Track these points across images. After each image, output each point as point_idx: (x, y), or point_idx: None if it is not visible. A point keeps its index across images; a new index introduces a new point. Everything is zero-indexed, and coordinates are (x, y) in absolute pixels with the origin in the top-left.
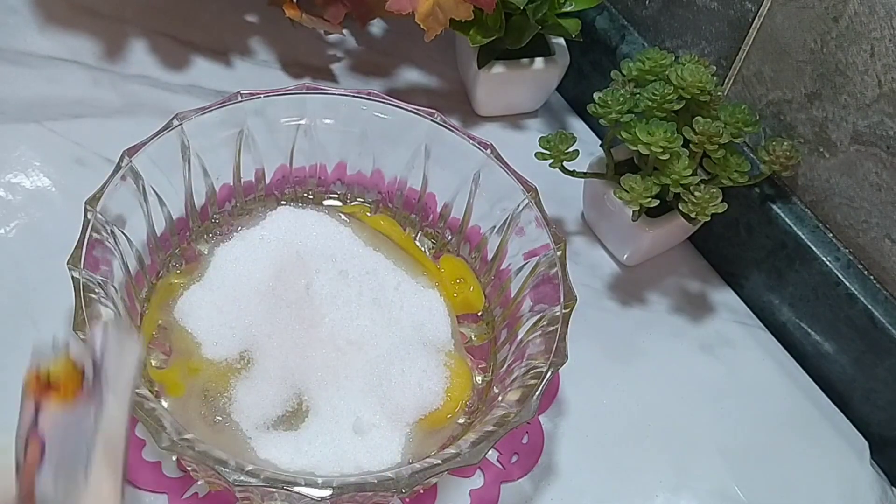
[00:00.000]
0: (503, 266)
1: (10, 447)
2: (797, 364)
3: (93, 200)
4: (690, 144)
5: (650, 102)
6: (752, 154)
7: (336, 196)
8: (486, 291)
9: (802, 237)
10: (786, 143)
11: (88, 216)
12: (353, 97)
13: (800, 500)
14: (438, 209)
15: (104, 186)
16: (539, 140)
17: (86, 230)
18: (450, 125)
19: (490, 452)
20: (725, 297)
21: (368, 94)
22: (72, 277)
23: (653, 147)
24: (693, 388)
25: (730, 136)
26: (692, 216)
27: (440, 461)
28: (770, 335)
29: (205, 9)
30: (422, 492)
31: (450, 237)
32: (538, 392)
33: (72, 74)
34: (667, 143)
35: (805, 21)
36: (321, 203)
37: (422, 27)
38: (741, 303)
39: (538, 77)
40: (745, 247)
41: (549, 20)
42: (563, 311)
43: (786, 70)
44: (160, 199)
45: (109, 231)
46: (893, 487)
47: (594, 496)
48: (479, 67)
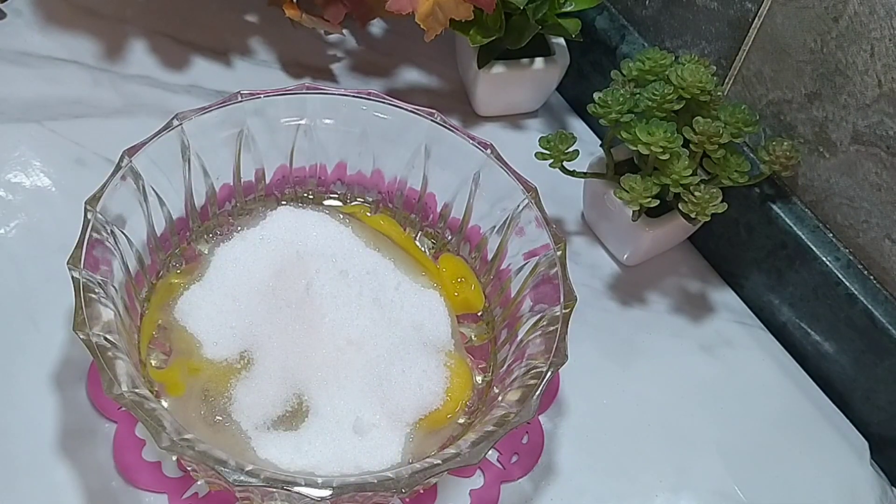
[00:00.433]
0: (503, 266)
1: None
2: (797, 364)
3: (93, 200)
4: (690, 144)
5: (650, 102)
6: (752, 154)
7: (336, 196)
8: (486, 291)
9: (802, 237)
10: (786, 143)
11: (88, 216)
12: (353, 97)
13: (800, 500)
14: (438, 209)
15: (104, 186)
16: (539, 140)
17: (86, 230)
18: (450, 125)
19: (490, 452)
20: (725, 297)
21: (368, 94)
22: (72, 277)
23: (653, 147)
24: (693, 388)
25: (730, 136)
26: (692, 216)
27: (440, 461)
28: (770, 335)
29: (204, 9)
30: (422, 492)
31: (450, 237)
32: (538, 392)
33: (72, 74)
34: (667, 143)
35: (805, 21)
36: (321, 203)
37: (422, 27)
38: (741, 303)
39: (538, 77)
40: (745, 247)
41: (549, 20)
42: (563, 311)
43: (786, 70)
44: (160, 199)
45: (109, 231)
46: (893, 487)
47: (594, 496)
48: (479, 67)
